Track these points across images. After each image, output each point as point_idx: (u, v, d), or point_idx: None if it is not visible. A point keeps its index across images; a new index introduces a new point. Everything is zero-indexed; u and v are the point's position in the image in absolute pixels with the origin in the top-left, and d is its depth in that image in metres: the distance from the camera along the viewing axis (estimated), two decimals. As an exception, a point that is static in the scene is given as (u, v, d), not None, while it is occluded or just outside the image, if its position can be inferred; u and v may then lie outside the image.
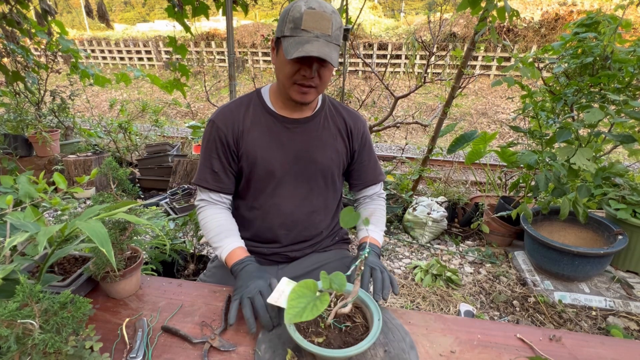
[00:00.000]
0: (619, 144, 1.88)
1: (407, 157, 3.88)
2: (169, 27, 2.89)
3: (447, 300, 2.05)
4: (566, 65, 2.07)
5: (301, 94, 0.95)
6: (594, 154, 1.73)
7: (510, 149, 2.91)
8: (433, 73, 7.34)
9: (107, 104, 8.45)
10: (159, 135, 5.25)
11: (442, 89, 7.56)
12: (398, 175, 3.40)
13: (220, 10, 2.45)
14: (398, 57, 9.45)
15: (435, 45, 3.35)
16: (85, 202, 3.45)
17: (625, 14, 1.91)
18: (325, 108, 1.11)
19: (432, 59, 3.22)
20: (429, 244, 2.75)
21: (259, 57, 10.50)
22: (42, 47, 3.45)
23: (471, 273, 2.36)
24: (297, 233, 1.13)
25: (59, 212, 1.10)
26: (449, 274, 2.20)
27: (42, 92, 3.98)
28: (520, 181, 2.69)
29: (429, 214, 2.74)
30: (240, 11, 2.48)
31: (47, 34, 2.98)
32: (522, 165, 2.24)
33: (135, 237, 0.92)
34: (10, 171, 3.00)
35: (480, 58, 8.64)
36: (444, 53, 6.77)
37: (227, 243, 0.99)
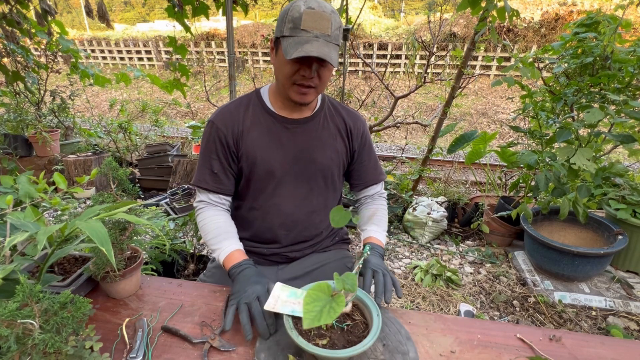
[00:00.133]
0: (619, 144, 1.88)
1: (407, 157, 3.88)
2: (169, 27, 2.89)
3: (447, 300, 2.05)
4: (566, 65, 2.08)
5: (300, 94, 0.95)
6: (594, 154, 1.73)
7: (510, 149, 2.91)
8: (433, 73, 7.34)
9: (107, 104, 8.45)
10: (159, 135, 5.25)
11: (442, 89, 7.56)
12: (398, 175, 3.40)
13: (220, 10, 2.45)
14: (398, 57, 9.45)
15: (435, 45, 3.35)
16: (85, 202, 3.45)
17: (625, 14, 1.91)
18: (324, 108, 1.10)
19: (432, 59, 3.22)
20: (429, 244, 2.75)
21: (259, 57, 10.50)
22: (42, 47, 3.45)
23: (471, 273, 2.36)
24: (297, 233, 1.13)
25: (59, 212, 1.10)
26: (449, 274, 2.20)
27: (42, 92, 3.98)
28: (520, 181, 2.69)
29: (429, 214, 2.74)
30: (240, 11, 2.48)
31: (47, 34, 2.98)
32: (522, 165, 2.24)
33: (135, 237, 0.92)
34: (10, 171, 3.00)
35: (480, 58, 8.64)
36: (444, 53, 6.77)
37: (225, 245, 0.98)
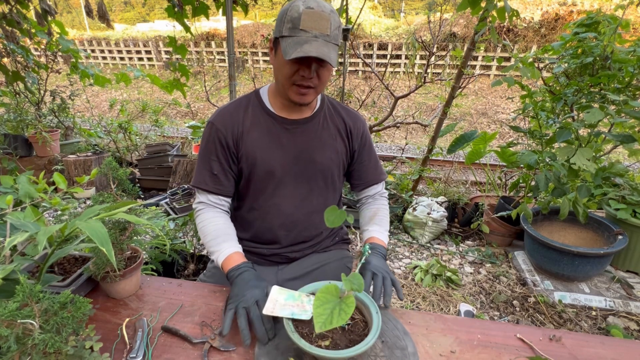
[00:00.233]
0: (619, 144, 1.88)
1: (407, 157, 3.88)
2: (169, 27, 2.89)
3: (447, 300, 2.05)
4: (566, 65, 2.08)
5: (300, 94, 0.95)
6: (594, 154, 1.73)
7: (510, 149, 2.91)
8: (433, 73, 7.34)
9: (107, 104, 8.46)
10: (159, 135, 5.25)
11: (442, 89, 7.56)
12: (398, 175, 3.40)
13: (220, 10, 2.45)
14: (398, 57, 9.45)
15: (435, 45, 3.35)
16: (85, 202, 3.45)
17: (625, 14, 1.91)
18: (324, 108, 1.10)
19: (432, 59, 3.22)
20: (429, 244, 2.75)
21: (259, 57, 10.50)
22: (42, 47, 3.45)
23: (471, 273, 2.36)
24: (297, 233, 1.13)
25: (59, 212, 1.10)
26: (449, 274, 2.20)
27: (42, 92, 3.98)
28: (520, 181, 2.69)
29: (429, 214, 2.74)
30: (240, 11, 2.48)
31: (47, 34, 2.98)
32: (522, 165, 2.24)
33: (135, 237, 0.92)
34: (10, 171, 3.00)
35: (480, 58, 8.64)
36: (444, 53, 6.77)
37: (224, 248, 0.97)
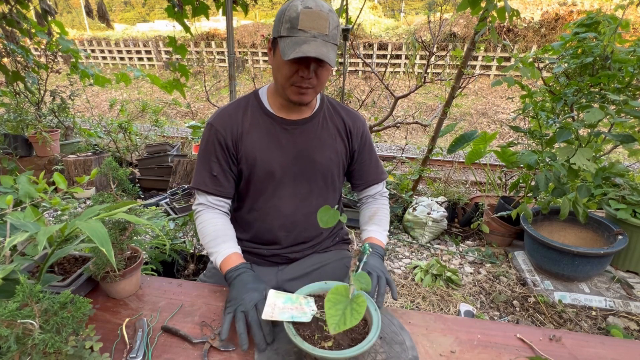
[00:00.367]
0: (619, 144, 1.88)
1: (407, 157, 3.88)
2: (169, 27, 2.89)
3: (447, 300, 2.05)
4: (566, 65, 2.08)
5: (299, 94, 0.94)
6: (594, 154, 1.73)
7: (510, 149, 2.91)
8: (433, 73, 7.34)
9: (107, 104, 8.46)
10: (159, 135, 5.25)
11: (442, 89, 7.55)
12: (398, 175, 3.40)
13: (220, 10, 2.45)
14: (398, 57, 9.45)
15: (435, 45, 3.35)
16: (85, 202, 3.45)
17: (625, 14, 1.91)
18: (323, 108, 1.10)
19: (432, 59, 3.22)
20: (429, 244, 2.75)
21: (259, 57, 10.50)
22: (42, 47, 3.45)
23: (471, 273, 2.36)
24: (297, 234, 1.13)
25: (59, 212, 1.10)
26: (449, 274, 2.20)
27: (42, 92, 3.98)
28: (520, 181, 2.69)
29: (429, 214, 2.74)
30: (240, 11, 2.48)
31: (47, 34, 2.98)
32: (522, 165, 2.24)
33: (135, 237, 0.92)
34: (10, 171, 3.00)
35: (480, 58, 8.64)
36: (444, 53, 6.77)
37: (222, 249, 0.97)
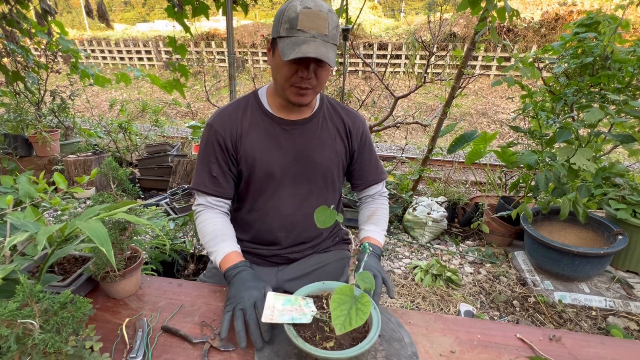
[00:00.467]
0: (619, 144, 1.88)
1: (407, 157, 3.88)
2: (169, 27, 2.89)
3: (447, 300, 2.05)
4: (566, 65, 2.08)
5: (299, 95, 0.94)
6: (594, 154, 1.73)
7: (510, 149, 2.91)
8: (433, 73, 7.34)
9: (107, 104, 8.45)
10: (159, 135, 5.25)
11: (442, 89, 7.55)
12: (398, 175, 3.40)
13: (220, 10, 2.45)
14: (398, 57, 9.44)
15: (435, 45, 3.35)
16: (85, 202, 3.45)
17: (625, 14, 1.91)
18: (323, 108, 1.10)
19: (432, 59, 3.22)
20: (429, 244, 2.75)
21: (259, 57, 10.50)
22: (42, 47, 3.45)
23: (471, 273, 2.36)
24: (297, 235, 1.13)
25: (59, 212, 1.10)
26: (449, 274, 2.20)
27: (42, 92, 3.98)
28: (520, 181, 2.69)
29: (429, 214, 2.74)
30: (240, 11, 2.48)
31: (47, 34, 2.98)
32: (522, 165, 2.24)
33: (135, 237, 0.92)
34: (10, 171, 3.00)
35: (480, 58, 8.64)
36: (444, 53, 6.77)
37: (222, 247, 0.97)
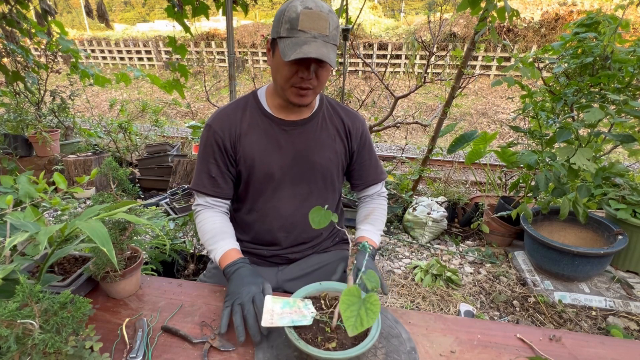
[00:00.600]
0: (619, 144, 1.88)
1: (407, 157, 3.88)
2: (169, 27, 2.89)
3: (447, 300, 2.05)
4: (566, 65, 2.08)
5: (299, 96, 0.94)
6: (594, 154, 1.73)
7: (510, 149, 2.91)
8: (433, 73, 7.34)
9: (107, 104, 8.45)
10: (159, 135, 5.25)
11: (442, 89, 7.55)
12: (398, 175, 3.40)
13: (220, 10, 2.45)
14: (398, 57, 9.44)
15: (435, 45, 3.35)
16: (85, 202, 3.45)
17: (625, 14, 1.91)
18: (323, 108, 1.10)
19: (432, 59, 3.22)
20: (429, 244, 2.75)
21: (259, 57, 10.50)
22: (42, 47, 3.45)
23: (471, 273, 2.36)
24: (297, 235, 1.13)
25: (59, 212, 1.10)
26: (449, 274, 2.20)
27: (42, 92, 3.98)
28: (520, 181, 2.69)
29: (429, 214, 2.74)
30: (240, 11, 2.48)
31: (47, 34, 2.98)
32: (522, 165, 2.24)
33: (135, 237, 0.92)
34: (10, 171, 3.00)
35: (480, 58, 8.64)
36: (444, 53, 6.77)
37: (220, 245, 0.98)
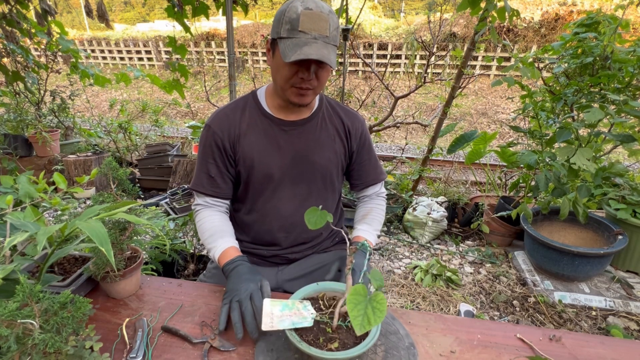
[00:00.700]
0: (619, 144, 1.88)
1: (407, 157, 3.87)
2: (169, 27, 2.89)
3: (447, 300, 2.05)
4: (566, 65, 2.08)
5: (299, 96, 0.94)
6: (594, 154, 1.73)
7: (510, 149, 2.91)
8: (433, 73, 7.34)
9: (107, 104, 8.45)
10: (159, 135, 5.25)
11: (442, 89, 7.55)
12: (398, 175, 3.40)
13: (220, 10, 2.45)
14: (398, 57, 9.44)
15: (435, 45, 3.35)
16: (85, 202, 3.45)
17: (625, 14, 1.91)
18: (322, 109, 1.10)
19: (432, 59, 3.22)
20: (429, 244, 2.75)
21: (259, 57, 10.50)
22: (42, 47, 3.45)
23: (471, 273, 2.36)
24: (297, 235, 1.13)
25: (59, 212, 1.10)
26: (449, 274, 2.20)
27: (42, 92, 3.98)
28: (520, 181, 2.69)
29: (429, 214, 2.74)
30: (240, 11, 2.48)
31: (47, 34, 2.98)
32: (522, 165, 2.24)
33: (135, 237, 0.92)
34: (10, 171, 3.00)
35: (480, 58, 8.64)
36: (444, 53, 6.77)
37: (219, 244, 0.99)
